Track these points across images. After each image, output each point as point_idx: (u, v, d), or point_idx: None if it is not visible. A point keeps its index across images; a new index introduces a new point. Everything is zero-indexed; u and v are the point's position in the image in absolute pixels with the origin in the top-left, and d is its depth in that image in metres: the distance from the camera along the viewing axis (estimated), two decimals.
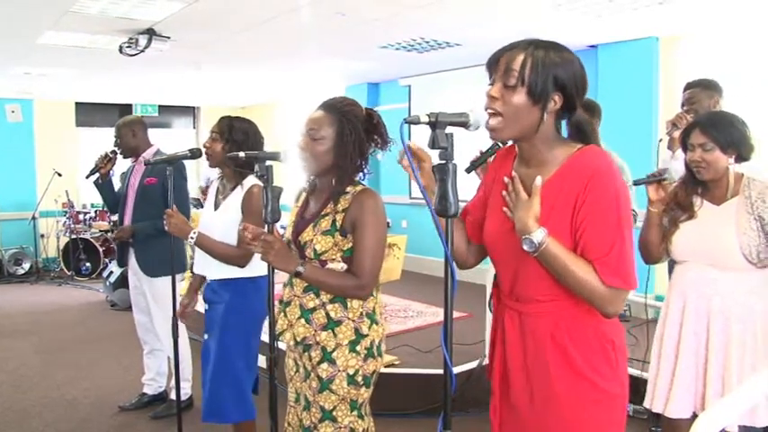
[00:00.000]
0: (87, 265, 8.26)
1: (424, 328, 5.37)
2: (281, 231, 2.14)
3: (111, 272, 6.60)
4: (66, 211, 8.51)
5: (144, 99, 9.87)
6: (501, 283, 1.61)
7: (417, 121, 1.33)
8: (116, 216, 3.89)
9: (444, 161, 1.33)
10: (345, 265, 1.96)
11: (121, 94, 9.15)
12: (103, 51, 5.69)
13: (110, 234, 8.17)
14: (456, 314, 5.20)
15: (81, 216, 8.57)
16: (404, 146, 1.42)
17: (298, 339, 1.98)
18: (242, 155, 2.14)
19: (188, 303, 2.93)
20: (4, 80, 7.47)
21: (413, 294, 6.53)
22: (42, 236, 8.88)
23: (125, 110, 9.85)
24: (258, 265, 2.56)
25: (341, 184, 1.98)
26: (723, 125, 2.28)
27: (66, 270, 8.31)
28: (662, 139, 3.18)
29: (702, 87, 3.17)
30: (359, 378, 1.96)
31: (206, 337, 2.71)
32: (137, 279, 3.73)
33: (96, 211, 8.70)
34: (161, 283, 3.59)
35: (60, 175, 8.36)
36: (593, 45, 5.84)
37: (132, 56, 5.32)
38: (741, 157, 2.29)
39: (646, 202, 2.46)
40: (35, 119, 9.25)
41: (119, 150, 3.74)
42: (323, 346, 1.95)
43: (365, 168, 2.04)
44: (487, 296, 2.97)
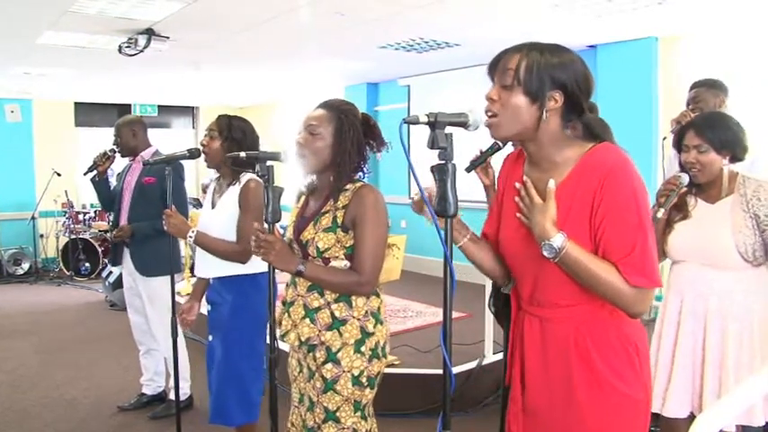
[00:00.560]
0: (87, 265, 8.26)
1: (423, 328, 5.38)
2: (281, 231, 2.14)
3: (111, 272, 6.59)
4: (66, 212, 8.51)
5: (143, 99, 9.87)
6: (520, 289, 1.58)
7: (416, 121, 1.33)
8: (111, 214, 3.88)
9: (444, 161, 1.33)
10: (348, 263, 1.96)
11: (121, 94, 9.15)
12: (103, 51, 5.68)
13: (108, 234, 8.15)
14: (455, 314, 5.20)
15: (80, 216, 8.57)
16: (406, 151, 1.39)
17: (302, 339, 1.98)
18: (243, 154, 2.14)
19: (189, 308, 2.83)
20: (3, 80, 7.46)
21: (412, 294, 6.53)
22: (42, 236, 8.88)
23: (124, 110, 9.85)
24: (259, 262, 2.55)
25: (339, 181, 1.98)
26: (718, 127, 2.28)
27: (66, 270, 8.31)
28: (666, 137, 3.18)
29: (708, 87, 3.18)
30: (363, 379, 1.95)
31: (210, 338, 2.70)
32: (132, 279, 3.72)
33: (96, 212, 8.69)
34: (157, 284, 3.59)
35: (60, 175, 8.36)
36: (592, 45, 5.84)
37: (131, 56, 5.32)
38: (735, 158, 2.29)
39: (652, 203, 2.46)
40: (34, 119, 9.24)
41: (117, 149, 3.74)
42: (327, 346, 1.95)
43: (364, 167, 2.04)
44: (487, 296, 2.97)
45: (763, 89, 4.89)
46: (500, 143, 2.28)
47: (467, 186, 2.14)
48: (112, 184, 3.98)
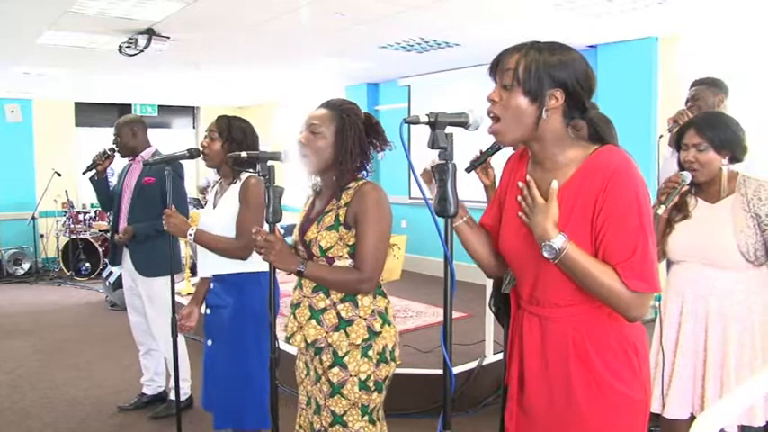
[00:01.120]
0: (87, 265, 8.27)
1: (423, 328, 5.38)
2: (281, 231, 2.14)
3: (111, 272, 6.59)
4: (66, 211, 8.51)
5: (143, 99, 9.87)
6: (520, 288, 1.58)
7: (417, 122, 1.33)
8: (111, 214, 3.88)
9: (444, 161, 1.33)
10: (353, 262, 1.95)
11: (121, 94, 9.15)
12: (103, 51, 5.69)
13: (109, 235, 8.16)
14: (456, 314, 5.21)
15: (80, 216, 8.57)
16: (406, 151, 1.40)
17: (308, 341, 1.96)
18: (244, 155, 2.13)
19: (188, 314, 2.76)
20: (3, 80, 7.46)
21: (413, 294, 6.53)
22: (42, 236, 8.89)
23: (124, 110, 9.85)
24: (260, 260, 2.54)
25: (342, 180, 1.97)
26: (717, 126, 2.28)
27: (66, 270, 8.31)
28: (662, 136, 3.18)
29: (707, 85, 3.18)
30: (370, 383, 1.94)
31: (209, 342, 2.65)
32: (131, 279, 3.72)
33: (96, 211, 8.70)
34: (156, 284, 3.59)
35: (60, 175, 8.37)
36: (592, 45, 5.84)
37: (132, 56, 5.32)
38: (735, 158, 2.29)
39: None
40: (34, 119, 9.25)
41: (117, 149, 3.74)
42: (334, 349, 1.93)
43: (367, 166, 2.04)
44: (487, 296, 2.98)
45: (763, 89, 4.89)
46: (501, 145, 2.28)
47: (467, 186, 2.14)
48: (112, 183, 3.98)
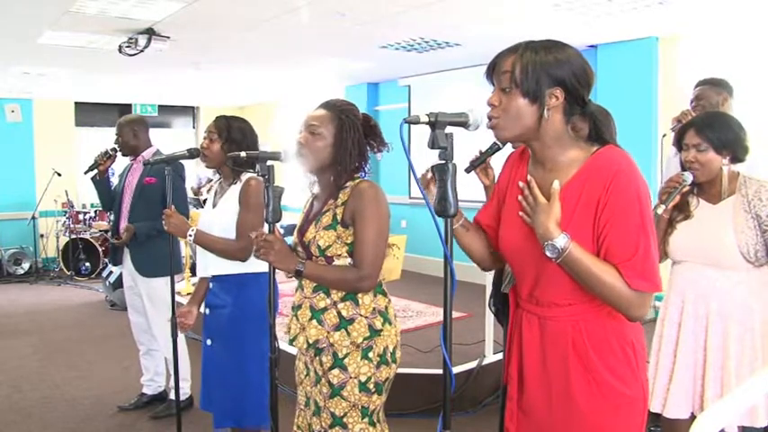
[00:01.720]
0: (87, 264, 8.27)
1: (423, 328, 5.38)
2: (281, 231, 2.14)
3: (111, 272, 6.59)
4: (66, 211, 8.51)
5: (143, 99, 9.87)
6: (519, 287, 1.58)
7: (417, 121, 1.33)
8: (111, 214, 3.88)
9: (444, 161, 1.33)
10: (352, 261, 1.95)
11: (121, 93, 9.16)
12: (103, 51, 5.69)
13: (109, 235, 8.15)
14: (456, 314, 5.21)
15: (80, 216, 8.57)
16: (406, 151, 1.40)
17: (310, 342, 1.96)
18: (243, 155, 2.13)
19: (186, 312, 2.73)
20: (3, 80, 7.47)
21: (413, 294, 6.53)
22: (42, 236, 8.89)
23: (124, 110, 9.86)
24: (259, 261, 2.54)
25: (339, 180, 1.98)
26: (718, 126, 2.28)
27: (66, 270, 8.31)
28: (665, 135, 3.18)
29: (711, 85, 3.18)
30: (370, 385, 1.94)
31: (209, 342, 2.65)
32: (132, 279, 3.72)
33: (96, 211, 8.70)
34: (157, 284, 3.59)
35: (60, 174, 8.37)
36: (592, 45, 5.84)
37: (132, 56, 5.33)
38: (736, 158, 2.29)
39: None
40: (34, 119, 9.25)
41: (119, 148, 3.74)
42: (335, 350, 1.93)
43: (365, 167, 2.04)
44: (487, 296, 2.97)
45: (764, 89, 4.89)
46: (500, 143, 2.28)
47: (466, 186, 2.14)
48: (113, 183, 3.98)
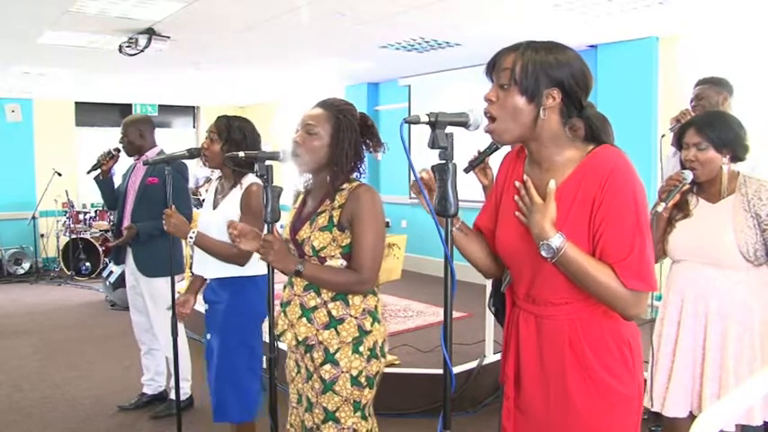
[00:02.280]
0: (87, 264, 8.27)
1: (424, 328, 5.38)
2: (280, 231, 2.14)
3: (111, 272, 6.60)
4: (66, 211, 8.51)
5: (144, 99, 9.87)
6: (516, 286, 1.58)
7: (417, 121, 1.33)
8: (114, 215, 3.88)
9: (444, 161, 1.33)
10: (345, 262, 1.96)
11: (121, 93, 9.16)
12: (103, 51, 5.69)
13: (110, 235, 8.14)
14: (456, 314, 5.21)
15: (81, 216, 8.57)
16: (406, 151, 1.39)
17: (299, 339, 1.98)
18: (242, 155, 2.13)
19: (184, 302, 2.83)
20: (3, 80, 7.47)
21: (413, 294, 6.53)
22: (42, 235, 8.89)
23: (125, 110, 9.86)
24: (257, 264, 2.56)
25: (336, 181, 1.98)
26: (718, 125, 2.28)
27: (66, 270, 8.31)
28: (665, 135, 3.18)
29: (712, 84, 3.18)
30: (362, 379, 1.95)
31: (208, 337, 2.71)
32: (134, 279, 3.72)
33: (96, 211, 8.70)
34: (159, 284, 3.59)
35: (60, 174, 8.37)
36: (592, 45, 5.84)
37: (132, 56, 5.33)
38: (736, 157, 2.29)
39: (650, 203, 2.45)
40: (35, 118, 9.25)
41: (122, 148, 3.73)
42: (325, 346, 1.95)
43: (361, 167, 2.04)
44: (487, 296, 2.97)
45: (764, 89, 4.89)
46: (498, 144, 2.28)
47: (465, 186, 2.14)
48: (116, 182, 3.97)
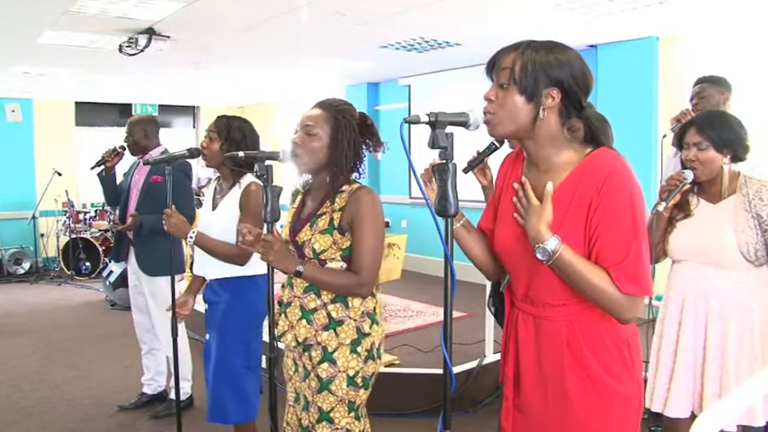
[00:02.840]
0: (87, 264, 8.27)
1: (424, 328, 5.38)
2: (279, 231, 2.14)
3: (111, 271, 6.60)
4: (66, 211, 8.51)
5: (144, 99, 9.87)
6: (515, 287, 1.58)
7: (417, 121, 1.32)
8: (116, 213, 3.87)
9: (444, 161, 1.33)
10: (345, 264, 1.96)
11: (121, 93, 9.16)
12: (103, 51, 5.69)
13: (112, 225, 8.11)
14: (456, 314, 5.22)
15: (81, 215, 8.57)
16: (406, 150, 1.39)
17: (299, 340, 1.98)
18: (241, 154, 2.13)
19: (183, 303, 2.81)
20: (3, 80, 7.47)
21: (413, 294, 6.53)
22: (42, 235, 8.89)
23: (125, 109, 9.87)
24: (257, 264, 2.56)
25: (336, 182, 1.98)
26: (718, 125, 2.28)
27: (66, 269, 8.31)
28: (665, 135, 3.18)
29: (712, 83, 3.17)
30: (358, 379, 1.96)
31: (207, 336, 2.71)
32: (136, 278, 3.72)
33: (96, 211, 8.70)
34: (161, 283, 3.59)
35: (60, 174, 8.37)
36: (593, 45, 5.84)
37: (132, 55, 5.33)
38: (737, 157, 2.29)
39: (650, 203, 2.45)
40: (35, 118, 9.25)
41: (127, 147, 3.73)
42: (324, 346, 1.95)
43: (360, 168, 2.04)
44: (487, 296, 2.97)
45: (764, 89, 4.89)
46: (497, 143, 2.28)
47: (464, 186, 2.14)
48: (117, 180, 3.96)
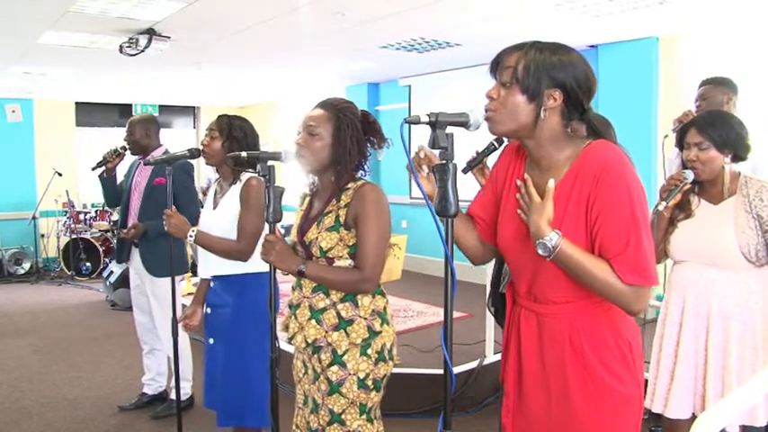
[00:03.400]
0: (87, 264, 8.27)
1: (424, 328, 5.38)
2: (281, 231, 2.14)
3: (112, 272, 6.60)
4: (67, 211, 8.51)
5: (144, 99, 9.87)
6: (517, 283, 1.58)
7: (417, 121, 1.33)
8: (116, 214, 3.87)
9: (444, 161, 1.33)
10: (353, 262, 1.95)
11: (121, 94, 9.15)
12: (103, 51, 5.69)
13: (115, 230, 8.12)
14: (456, 314, 5.21)
15: (81, 216, 8.57)
16: (406, 150, 1.40)
17: (309, 341, 1.97)
18: (244, 154, 2.13)
19: (192, 314, 2.75)
20: (4, 80, 7.46)
21: (413, 294, 6.53)
22: (42, 236, 8.89)
23: (125, 110, 9.87)
24: (260, 261, 2.54)
25: (341, 180, 1.98)
26: (719, 125, 2.28)
27: (67, 270, 8.31)
28: (667, 136, 3.17)
29: (716, 84, 3.16)
30: (369, 382, 1.94)
31: (211, 341, 2.65)
32: (139, 278, 3.72)
33: (96, 211, 8.70)
34: (164, 283, 3.58)
35: (60, 174, 8.37)
36: (593, 45, 5.84)
37: (132, 56, 5.32)
38: (738, 157, 2.29)
39: (651, 203, 2.45)
40: (35, 118, 9.25)
41: (127, 146, 3.73)
42: (333, 348, 1.94)
43: (365, 165, 2.04)
44: (487, 296, 2.97)
45: (764, 89, 4.89)
46: (496, 144, 2.28)
47: (463, 186, 2.14)
48: (118, 181, 3.96)
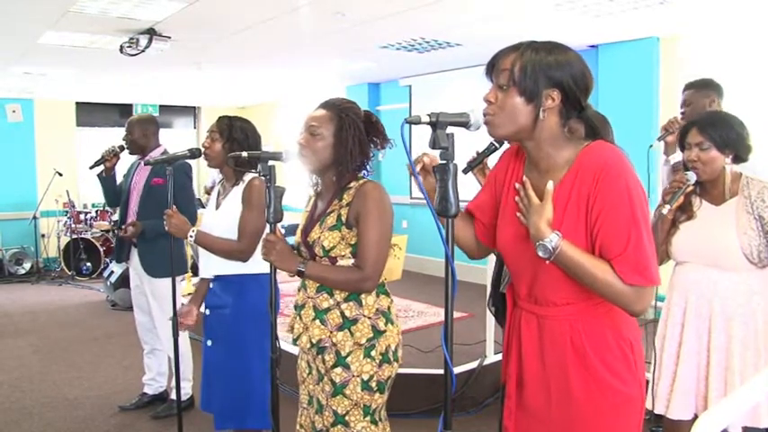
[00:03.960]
0: (88, 264, 8.27)
1: (424, 328, 5.38)
2: (282, 231, 2.14)
3: (112, 272, 6.61)
4: (67, 211, 8.51)
5: (144, 99, 9.87)
6: (517, 285, 1.58)
7: (418, 122, 1.32)
8: (116, 214, 3.87)
9: (445, 161, 1.33)
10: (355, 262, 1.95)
11: (122, 94, 9.16)
12: (104, 51, 5.69)
13: (114, 230, 8.11)
14: (456, 314, 5.21)
15: (82, 216, 8.57)
16: (407, 151, 1.39)
17: (313, 341, 1.97)
18: (245, 154, 2.13)
19: (188, 311, 2.74)
20: (4, 80, 7.47)
21: (413, 294, 6.53)
22: (43, 236, 8.89)
23: (125, 110, 9.87)
24: (261, 261, 2.54)
25: (342, 180, 1.98)
26: (720, 125, 2.28)
27: (67, 270, 8.31)
28: (652, 146, 3.14)
29: (697, 88, 3.12)
30: (373, 384, 1.94)
31: (209, 343, 2.64)
32: (138, 279, 3.72)
33: (97, 211, 8.70)
34: (163, 284, 3.58)
35: (61, 174, 8.37)
36: (593, 45, 5.84)
37: (133, 56, 5.33)
38: (739, 158, 2.29)
39: (653, 203, 2.44)
40: (35, 119, 9.26)
41: (126, 146, 3.73)
42: (338, 349, 1.93)
43: (367, 165, 2.04)
44: (488, 296, 2.97)
45: (764, 89, 4.89)
46: (496, 144, 2.28)
47: (462, 186, 2.14)
48: (118, 180, 3.96)
